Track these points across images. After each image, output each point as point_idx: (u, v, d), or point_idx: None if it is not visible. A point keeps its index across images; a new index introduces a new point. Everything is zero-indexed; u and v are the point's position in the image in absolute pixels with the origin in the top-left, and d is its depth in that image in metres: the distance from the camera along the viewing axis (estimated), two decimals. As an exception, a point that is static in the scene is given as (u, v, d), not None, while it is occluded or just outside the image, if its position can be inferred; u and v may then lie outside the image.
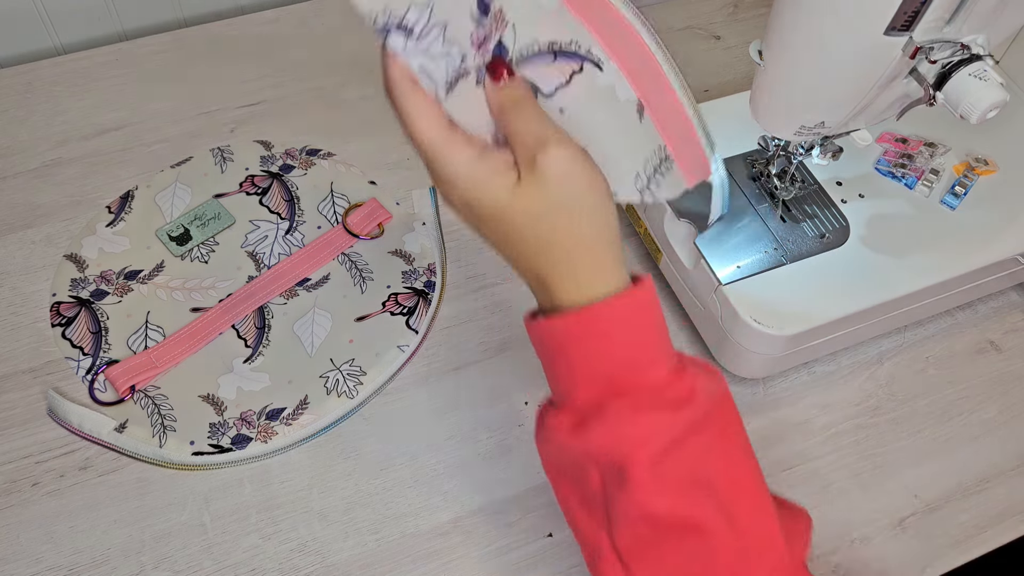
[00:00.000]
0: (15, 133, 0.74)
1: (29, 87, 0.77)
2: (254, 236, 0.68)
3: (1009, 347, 0.67)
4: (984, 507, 0.60)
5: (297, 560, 0.55)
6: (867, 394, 0.64)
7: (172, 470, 0.58)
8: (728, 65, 0.84)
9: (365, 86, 0.80)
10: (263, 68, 0.80)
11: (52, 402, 0.59)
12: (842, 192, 0.64)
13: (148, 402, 0.59)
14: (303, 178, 0.72)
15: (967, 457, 0.62)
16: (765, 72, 0.53)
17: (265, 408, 0.60)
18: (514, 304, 0.67)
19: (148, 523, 0.56)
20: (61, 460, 0.58)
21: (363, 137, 0.76)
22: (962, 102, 0.48)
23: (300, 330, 0.63)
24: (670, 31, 0.87)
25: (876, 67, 0.48)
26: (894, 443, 0.62)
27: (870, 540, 0.58)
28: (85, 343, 0.62)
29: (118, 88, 0.78)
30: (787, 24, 0.49)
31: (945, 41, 0.47)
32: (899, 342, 0.67)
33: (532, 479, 0.59)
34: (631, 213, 0.69)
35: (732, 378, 0.64)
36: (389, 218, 0.70)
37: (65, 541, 0.55)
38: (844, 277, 0.60)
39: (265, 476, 0.58)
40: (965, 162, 0.67)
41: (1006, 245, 0.63)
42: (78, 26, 0.82)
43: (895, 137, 0.68)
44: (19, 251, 0.67)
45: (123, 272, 0.65)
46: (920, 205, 0.64)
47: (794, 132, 0.55)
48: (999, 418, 0.64)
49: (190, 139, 0.74)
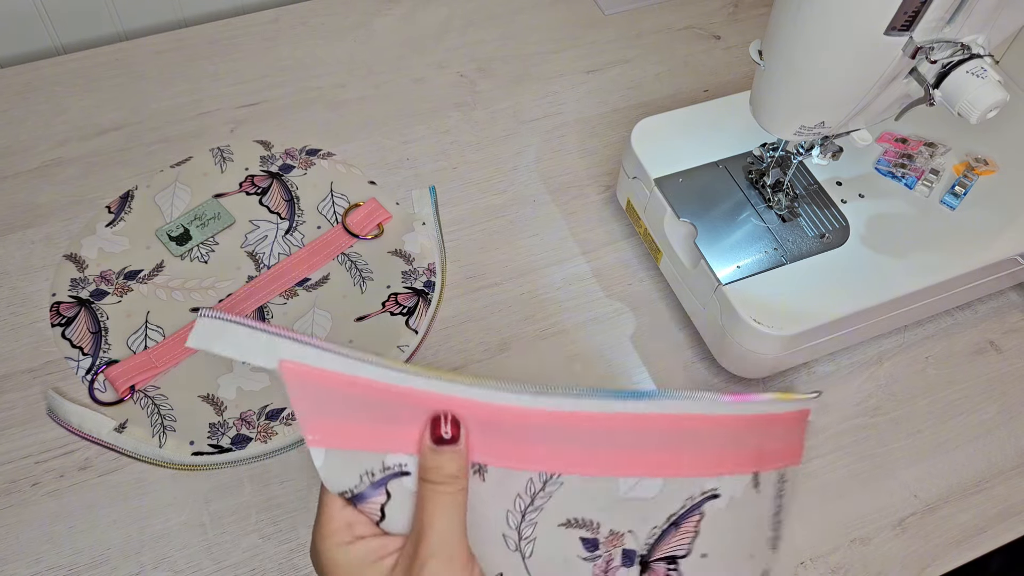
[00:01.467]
0: (15, 133, 0.74)
1: (29, 87, 0.77)
2: (254, 236, 0.68)
3: (1009, 347, 0.67)
4: (984, 507, 0.60)
5: (297, 560, 0.55)
6: (867, 394, 0.64)
7: (172, 470, 0.58)
8: (728, 65, 0.84)
9: (365, 86, 0.80)
10: (263, 68, 0.80)
11: (52, 402, 0.59)
12: (842, 192, 0.64)
13: (148, 402, 0.59)
14: (303, 178, 0.72)
15: (966, 457, 0.62)
16: (765, 72, 0.53)
17: (265, 408, 0.60)
18: (514, 304, 0.67)
19: (148, 523, 0.56)
20: (61, 460, 0.58)
21: (363, 137, 0.76)
22: (959, 100, 0.48)
23: (300, 330, 0.63)
24: (670, 31, 0.87)
25: (876, 67, 0.48)
26: (894, 443, 0.62)
27: (870, 540, 0.58)
28: (85, 343, 0.62)
29: (118, 88, 0.78)
30: (787, 24, 0.49)
31: (945, 41, 0.47)
32: (899, 342, 0.67)
33: (532, 479, 0.59)
34: (631, 213, 0.69)
35: (732, 378, 0.64)
36: (389, 218, 0.70)
37: (65, 541, 0.55)
38: (844, 277, 0.60)
39: (265, 476, 0.58)
40: (965, 162, 0.67)
41: (1006, 245, 0.63)
42: (78, 26, 0.82)
43: (895, 137, 0.68)
44: (19, 251, 0.67)
45: (123, 272, 0.65)
46: (920, 205, 0.64)
47: (794, 132, 0.55)
48: (998, 418, 0.64)
49: (190, 139, 0.74)
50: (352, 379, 0.35)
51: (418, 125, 0.77)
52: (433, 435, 0.36)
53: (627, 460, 0.39)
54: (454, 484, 0.36)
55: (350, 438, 0.36)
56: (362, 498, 0.37)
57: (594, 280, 0.69)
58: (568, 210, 0.73)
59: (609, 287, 0.69)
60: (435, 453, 0.36)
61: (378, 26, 0.85)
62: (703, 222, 0.62)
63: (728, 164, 0.65)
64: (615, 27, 0.87)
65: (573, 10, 0.88)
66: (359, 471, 0.36)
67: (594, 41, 0.85)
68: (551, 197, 0.74)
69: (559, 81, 0.82)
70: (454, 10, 0.87)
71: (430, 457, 0.36)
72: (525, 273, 0.69)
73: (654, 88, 0.82)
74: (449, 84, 0.81)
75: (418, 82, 0.81)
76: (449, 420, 0.36)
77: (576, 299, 0.68)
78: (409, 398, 0.36)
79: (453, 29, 0.85)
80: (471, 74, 0.82)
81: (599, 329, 0.66)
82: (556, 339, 0.65)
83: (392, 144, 0.76)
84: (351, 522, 0.37)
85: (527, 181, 0.74)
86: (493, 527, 0.38)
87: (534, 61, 0.83)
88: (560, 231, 0.72)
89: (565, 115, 0.79)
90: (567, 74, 0.82)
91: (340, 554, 0.36)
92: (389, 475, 0.37)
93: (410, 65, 0.82)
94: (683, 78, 0.83)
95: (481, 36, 0.85)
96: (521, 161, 0.76)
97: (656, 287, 0.69)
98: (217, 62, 0.80)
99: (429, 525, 0.36)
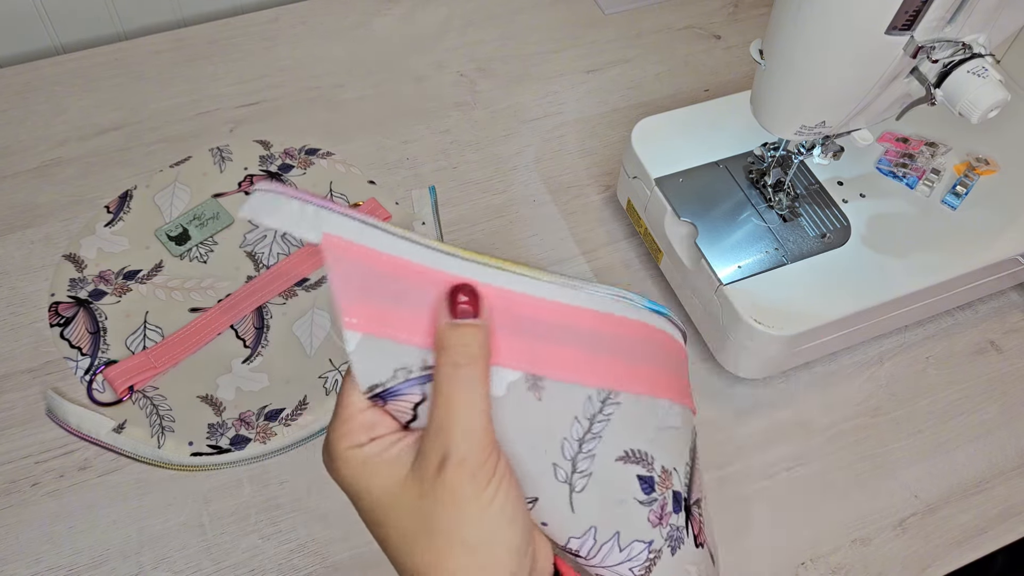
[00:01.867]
0: (14, 133, 0.74)
1: (29, 87, 0.77)
2: (253, 236, 0.68)
3: (1009, 347, 0.67)
4: (984, 507, 0.60)
5: (297, 561, 0.55)
6: (867, 394, 0.64)
7: (171, 471, 0.58)
8: (729, 64, 0.84)
9: (364, 86, 0.80)
10: (262, 68, 0.80)
11: (51, 402, 0.59)
12: (843, 192, 0.64)
13: (147, 403, 0.59)
14: (302, 177, 0.72)
15: (967, 457, 0.62)
16: (766, 72, 0.52)
17: (264, 408, 0.60)
18: (514, 304, 0.67)
19: (147, 524, 0.56)
20: (60, 460, 0.58)
21: (362, 137, 0.76)
22: (960, 99, 0.48)
23: (299, 330, 0.63)
24: (670, 30, 0.86)
25: (877, 66, 0.48)
26: (894, 443, 0.62)
27: (870, 540, 0.58)
28: (84, 343, 0.62)
29: (117, 88, 0.78)
30: (788, 23, 0.49)
31: (946, 40, 0.47)
32: (900, 342, 0.67)
33: (532, 479, 0.59)
34: (631, 213, 0.69)
35: (733, 378, 0.64)
36: (388, 218, 0.70)
37: (64, 541, 0.55)
38: (845, 277, 0.60)
39: (264, 477, 0.58)
40: (966, 162, 0.67)
41: (1007, 245, 0.62)
42: (78, 26, 0.82)
43: (896, 137, 0.68)
44: (18, 251, 0.67)
45: (122, 272, 0.65)
46: (921, 205, 0.64)
47: (795, 132, 0.54)
48: (999, 418, 0.64)
49: (189, 139, 0.74)
50: (401, 262, 0.32)
51: (418, 125, 0.77)
52: (452, 308, 0.32)
53: (665, 379, 0.37)
54: (477, 365, 0.32)
55: (391, 325, 0.32)
56: (393, 394, 0.33)
57: (594, 280, 0.69)
58: (568, 210, 0.73)
59: (609, 287, 0.68)
60: (454, 328, 0.32)
61: (378, 26, 0.85)
62: (704, 222, 0.62)
63: (729, 164, 0.65)
64: (615, 27, 0.87)
65: (573, 10, 0.88)
66: (394, 365, 0.32)
67: (594, 41, 0.85)
68: (551, 197, 0.73)
69: (559, 81, 0.82)
70: (454, 10, 0.87)
71: (450, 334, 0.32)
72: (525, 273, 0.69)
73: (654, 88, 0.82)
74: (449, 84, 0.81)
75: (418, 82, 0.81)
76: (467, 291, 0.32)
77: (576, 299, 0.67)
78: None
79: (453, 29, 0.85)
80: (471, 74, 0.82)
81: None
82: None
83: (392, 144, 0.76)
84: (372, 423, 0.33)
85: (527, 181, 0.74)
86: (545, 455, 0.34)
87: (534, 61, 0.83)
88: (560, 231, 0.71)
89: (565, 115, 0.79)
90: (567, 74, 0.82)
91: (354, 455, 0.32)
92: (430, 375, 0.33)
93: (410, 65, 0.82)
94: (683, 78, 0.83)
95: (481, 36, 0.85)
96: (521, 161, 0.76)
97: (657, 287, 0.69)
98: (216, 62, 0.80)
99: (450, 416, 0.31)
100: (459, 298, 0.32)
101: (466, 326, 0.32)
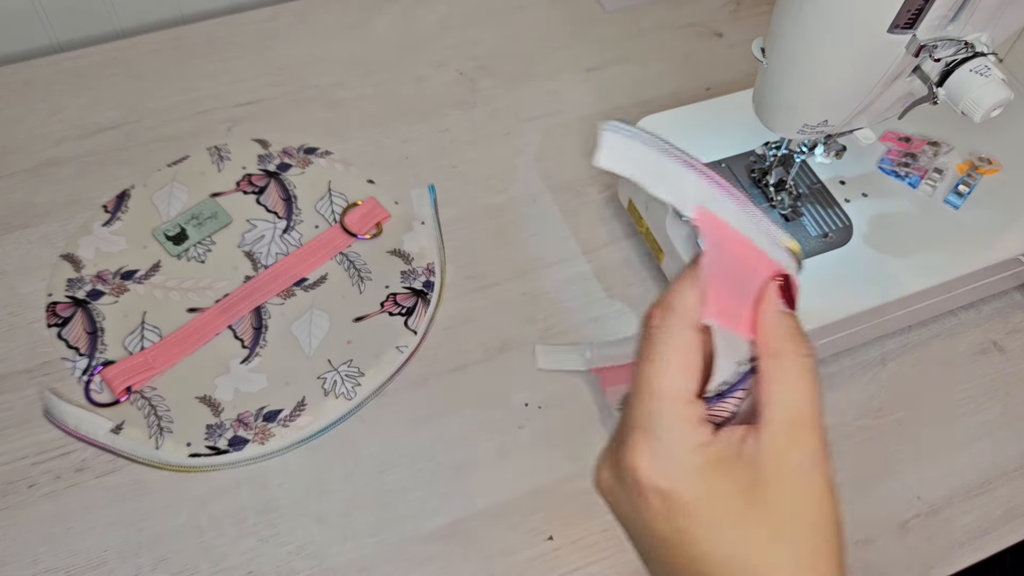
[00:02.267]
0: (11, 132, 0.74)
1: (26, 85, 0.77)
2: (251, 236, 0.68)
3: (1012, 348, 0.67)
4: (987, 508, 0.60)
5: (295, 563, 0.55)
6: (870, 395, 0.64)
7: (169, 472, 0.57)
8: (730, 63, 0.84)
9: (363, 84, 0.79)
10: (260, 66, 0.80)
11: (48, 403, 0.58)
12: (845, 191, 0.64)
13: (144, 403, 0.59)
14: (301, 177, 0.71)
15: (970, 458, 0.62)
16: (768, 70, 0.52)
17: (262, 409, 0.59)
18: (514, 304, 0.67)
19: (145, 525, 0.55)
20: (57, 462, 0.57)
21: (361, 136, 0.75)
22: (963, 98, 0.48)
23: (298, 331, 0.63)
24: (671, 28, 0.86)
25: (879, 65, 0.48)
26: (897, 444, 0.62)
27: (873, 542, 0.58)
28: (81, 344, 0.61)
29: (115, 86, 0.77)
30: (789, 22, 0.48)
31: (949, 39, 0.47)
32: (902, 342, 0.66)
33: (533, 481, 0.58)
34: (632, 213, 0.69)
35: (733, 379, 0.64)
36: (388, 217, 0.70)
37: (62, 543, 0.55)
38: (847, 277, 0.59)
39: (262, 478, 0.58)
40: (969, 161, 0.67)
41: (1010, 245, 0.62)
42: (75, 24, 0.82)
43: (898, 136, 0.68)
44: (15, 251, 0.67)
45: (119, 272, 0.65)
46: (923, 204, 0.64)
47: (797, 131, 0.54)
48: (1002, 419, 0.63)
49: (187, 138, 0.74)
50: (747, 244, 0.29)
51: (417, 124, 0.77)
52: (786, 297, 0.31)
53: None
54: (813, 353, 0.30)
55: (733, 316, 0.30)
56: (732, 391, 0.30)
57: (595, 280, 0.68)
58: (569, 209, 0.72)
59: (610, 287, 0.68)
60: (790, 317, 0.31)
61: (377, 24, 0.84)
62: (704, 222, 0.62)
63: (731, 163, 0.65)
64: (616, 25, 0.86)
65: (573, 8, 0.87)
66: (736, 358, 0.30)
67: (595, 39, 0.85)
68: (552, 196, 0.73)
69: (559, 79, 0.81)
70: (453, 8, 0.86)
71: (789, 323, 0.30)
72: (525, 273, 0.68)
73: (655, 86, 0.81)
74: (448, 82, 0.80)
75: (417, 80, 0.80)
76: (787, 279, 0.32)
77: (577, 299, 0.67)
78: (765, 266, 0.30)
79: (452, 27, 0.85)
80: (471, 72, 0.81)
81: (600, 330, 0.66)
82: (557, 340, 0.65)
83: (391, 143, 0.75)
84: (702, 417, 0.30)
85: (527, 180, 0.74)
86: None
87: (534, 59, 0.83)
88: (561, 231, 0.71)
89: (566, 113, 0.79)
90: (567, 72, 0.82)
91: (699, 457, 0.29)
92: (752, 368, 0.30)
93: (409, 63, 0.81)
94: (685, 76, 0.82)
95: (481, 34, 0.84)
96: (521, 160, 0.75)
97: (658, 287, 0.68)
98: (214, 60, 0.80)
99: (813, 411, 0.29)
100: (785, 286, 0.31)
101: (792, 315, 0.31)
